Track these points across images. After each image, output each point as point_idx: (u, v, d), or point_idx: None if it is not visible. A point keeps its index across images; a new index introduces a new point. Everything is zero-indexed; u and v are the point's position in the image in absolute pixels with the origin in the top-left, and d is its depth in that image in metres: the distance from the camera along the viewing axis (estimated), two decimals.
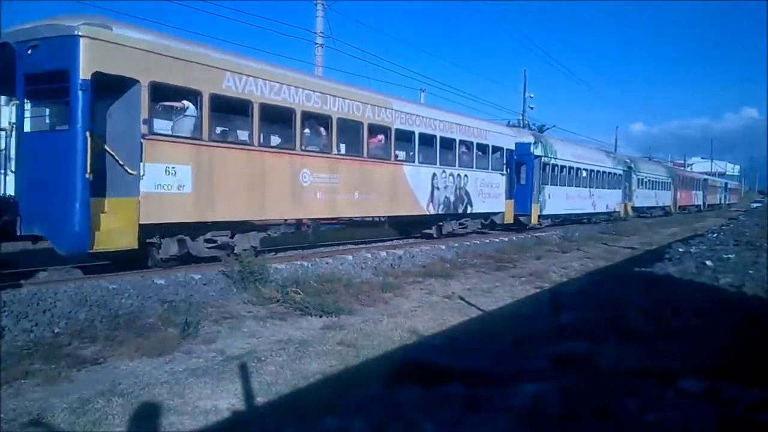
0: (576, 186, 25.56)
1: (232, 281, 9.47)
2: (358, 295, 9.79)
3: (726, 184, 75.31)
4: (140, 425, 4.70)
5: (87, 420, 4.67)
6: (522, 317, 7.99)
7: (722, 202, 69.05)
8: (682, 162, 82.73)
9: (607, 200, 29.22)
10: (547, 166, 22.60)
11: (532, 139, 21.78)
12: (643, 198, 36.16)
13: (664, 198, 41.58)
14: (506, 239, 18.70)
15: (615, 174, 30.50)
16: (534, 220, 21.61)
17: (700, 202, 53.93)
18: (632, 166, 33.64)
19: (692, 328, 1.43)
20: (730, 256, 3.41)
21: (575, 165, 25.33)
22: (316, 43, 21.02)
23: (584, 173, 26.43)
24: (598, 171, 28.07)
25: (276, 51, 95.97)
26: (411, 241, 16.79)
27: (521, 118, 37.78)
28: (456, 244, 16.19)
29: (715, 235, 5.42)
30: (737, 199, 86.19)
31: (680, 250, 3.85)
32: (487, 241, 17.81)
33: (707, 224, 26.71)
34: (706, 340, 1.34)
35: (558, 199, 23.36)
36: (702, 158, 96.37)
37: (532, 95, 39.05)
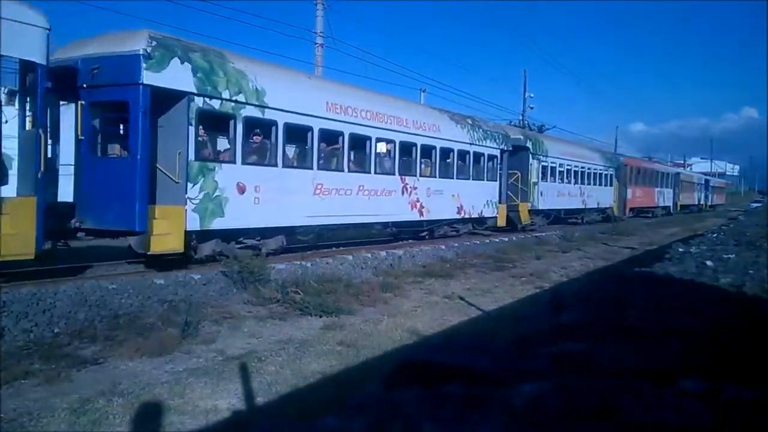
0: (352, 170, 12.95)
1: (232, 281, 9.46)
2: (358, 295, 9.79)
3: (707, 181, 60.47)
4: (141, 425, 4.70)
5: (87, 420, 4.68)
6: (522, 317, 8.00)
7: (701, 203, 55.48)
8: (682, 162, 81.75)
9: (464, 199, 16.94)
10: (234, 123, 10.20)
11: (139, 47, 8.74)
12: (557, 197, 23.42)
13: (602, 197, 28.59)
14: (506, 239, 18.70)
15: (481, 155, 17.92)
16: (173, 243, 9.30)
17: (669, 203, 41.05)
18: (530, 146, 21.37)
19: (692, 327, 1.43)
20: (730, 256, 3.40)
21: (348, 129, 12.52)
22: (316, 43, 21.02)
23: (383, 149, 14.05)
24: (427, 146, 15.43)
25: (276, 51, 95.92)
26: (411, 241, 16.74)
27: (521, 118, 37.78)
28: (456, 244, 16.20)
29: (715, 235, 5.42)
30: (723, 200, 73.25)
31: (680, 250, 3.85)
32: (487, 241, 17.80)
33: (707, 224, 26.71)
34: (706, 339, 1.34)
35: (282, 197, 10.95)
36: (702, 158, 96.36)
37: (532, 95, 39.04)
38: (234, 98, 10.07)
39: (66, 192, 9.20)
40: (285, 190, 11.02)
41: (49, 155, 8.46)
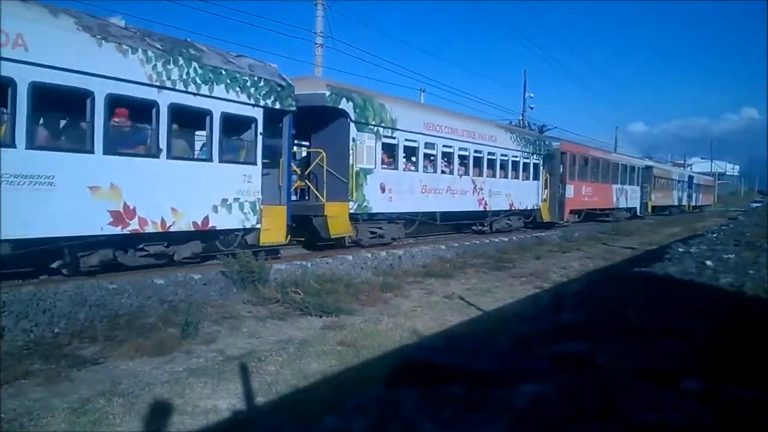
0: None
1: (232, 281, 9.47)
2: (358, 295, 9.80)
3: (691, 177, 51.20)
4: (140, 425, 4.71)
5: (87, 420, 4.68)
6: (522, 317, 7.99)
7: (683, 203, 46.27)
8: (682, 162, 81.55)
9: (140, 195, 8.55)
10: None
11: None
12: (421, 194, 15.08)
13: (520, 195, 19.91)
14: (506, 239, 18.70)
15: (204, 114, 9.66)
16: None
17: (636, 204, 32.59)
18: (349, 108, 12.77)
19: (692, 328, 1.43)
20: (730, 256, 3.41)
21: None
22: (316, 43, 21.01)
23: None
24: None
25: (276, 51, 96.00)
26: (411, 241, 16.73)
27: (521, 118, 37.78)
28: (456, 244, 16.20)
29: (715, 235, 5.43)
30: (711, 200, 64.65)
31: (680, 250, 3.86)
32: (487, 241, 17.80)
33: (707, 224, 26.76)
34: (706, 339, 1.34)
35: None
36: (702, 158, 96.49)
37: (532, 95, 39.05)
38: None
39: None
40: None
41: None
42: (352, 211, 12.79)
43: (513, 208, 19.93)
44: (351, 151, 12.71)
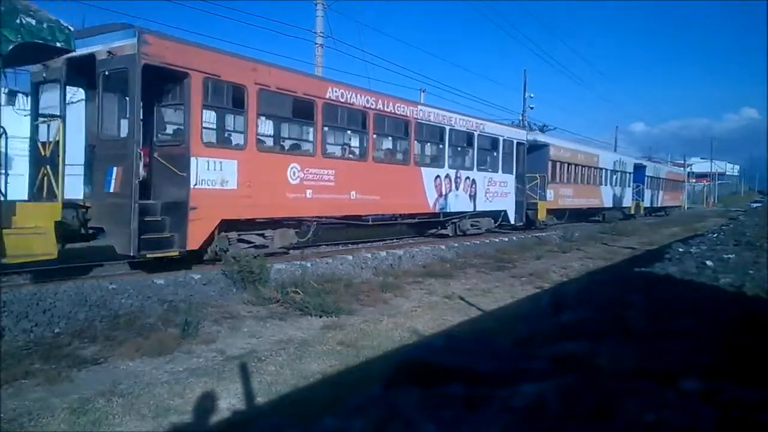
0: None
1: (232, 281, 9.47)
2: (358, 295, 9.80)
3: (640, 168, 35.04)
4: (140, 425, 4.71)
5: (87, 420, 4.68)
6: (522, 317, 8.00)
7: (624, 205, 32.11)
8: (682, 162, 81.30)
9: None
10: None
11: None
12: None
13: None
14: (506, 239, 18.69)
15: None
16: None
17: (507, 206, 19.18)
18: None
19: (692, 328, 1.43)
20: (730, 256, 3.41)
21: None
22: (316, 43, 21.01)
23: None
24: None
25: (276, 51, 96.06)
26: (411, 240, 16.74)
27: (521, 118, 37.75)
28: (456, 244, 16.20)
29: (715, 235, 5.44)
30: (679, 202, 48.78)
31: (680, 250, 3.86)
32: (487, 241, 17.80)
33: (707, 224, 26.75)
34: (706, 339, 1.34)
35: None
36: (702, 158, 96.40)
37: (532, 95, 39.03)
38: None
39: None
40: None
41: None
42: None
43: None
44: None
